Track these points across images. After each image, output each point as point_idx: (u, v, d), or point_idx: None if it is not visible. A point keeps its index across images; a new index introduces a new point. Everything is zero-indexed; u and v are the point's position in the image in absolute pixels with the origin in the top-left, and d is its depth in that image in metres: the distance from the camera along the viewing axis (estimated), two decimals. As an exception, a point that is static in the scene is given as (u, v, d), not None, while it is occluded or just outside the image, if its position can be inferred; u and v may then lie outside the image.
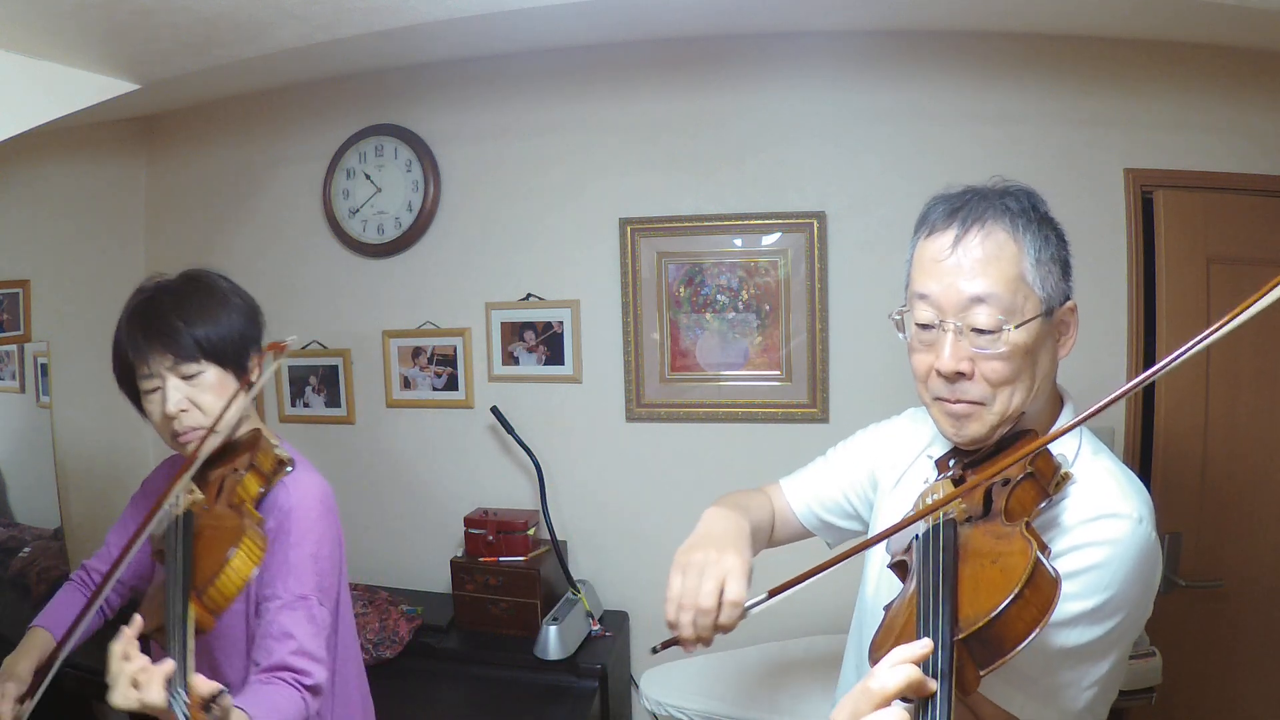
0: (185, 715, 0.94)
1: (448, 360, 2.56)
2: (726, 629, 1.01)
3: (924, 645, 0.73)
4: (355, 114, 2.57)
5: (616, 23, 2.10)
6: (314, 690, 1.22)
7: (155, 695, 0.95)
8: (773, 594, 0.98)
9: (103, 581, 1.25)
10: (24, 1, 1.54)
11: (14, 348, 2.38)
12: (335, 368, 2.65)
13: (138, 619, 1.04)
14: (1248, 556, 2.11)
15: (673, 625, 1.04)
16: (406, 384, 2.60)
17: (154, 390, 1.30)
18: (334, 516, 1.38)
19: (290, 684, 1.19)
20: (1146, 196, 2.11)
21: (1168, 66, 2.09)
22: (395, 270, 2.58)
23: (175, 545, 1.14)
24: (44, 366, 2.43)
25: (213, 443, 1.25)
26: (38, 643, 1.36)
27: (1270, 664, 2.13)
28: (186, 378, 1.29)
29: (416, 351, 2.59)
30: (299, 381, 2.70)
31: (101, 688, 1.00)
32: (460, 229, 2.52)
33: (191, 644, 1.02)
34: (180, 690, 0.95)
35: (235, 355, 1.33)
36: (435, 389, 2.57)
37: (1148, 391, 2.11)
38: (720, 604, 1.01)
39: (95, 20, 1.65)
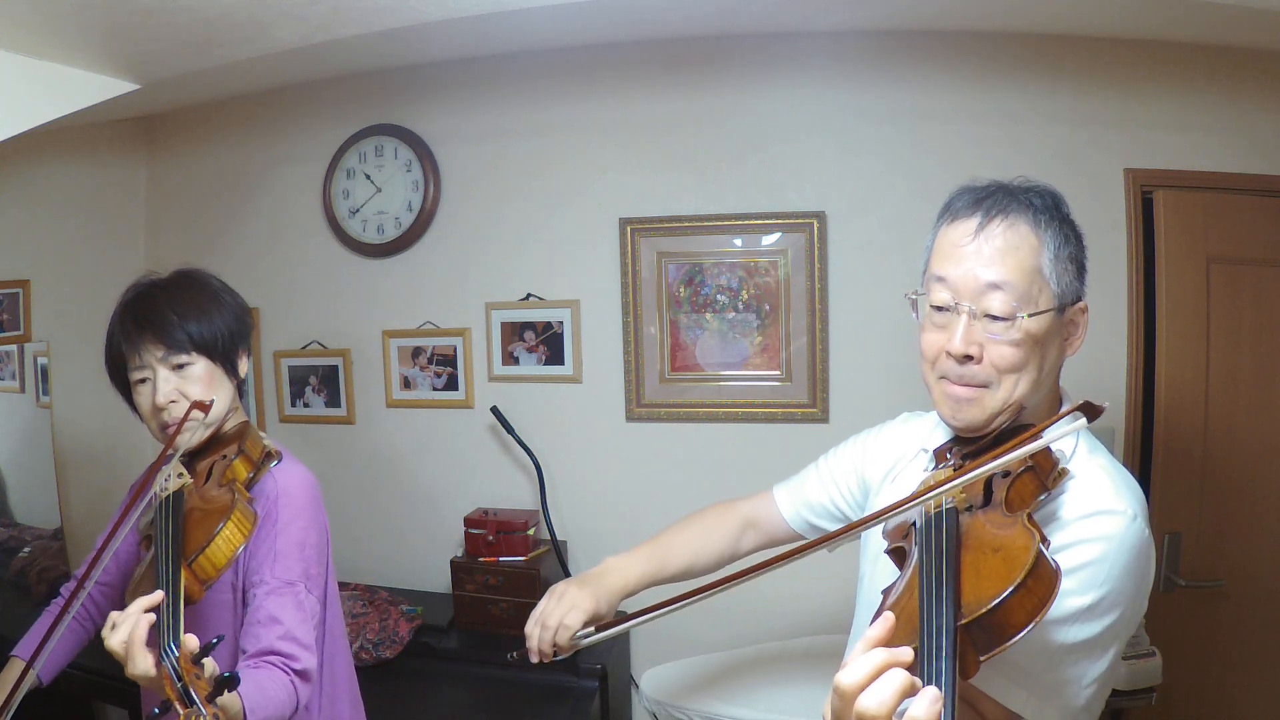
0: (175, 668, 0.95)
1: (448, 360, 2.56)
2: (561, 649, 1.24)
3: (885, 620, 0.74)
4: (355, 114, 2.57)
5: (616, 23, 2.10)
6: (302, 675, 1.21)
7: (138, 649, 1.00)
8: (599, 629, 1.23)
9: (86, 570, 1.25)
10: (24, 1, 1.54)
11: (14, 348, 2.38)
12: (335, 368, 2.65)
13: (158, 594, 1.04)
14: (1248, 556, 2.11)
15: (526, 635, 1.27)
16: (406, 384, 2.60)
17: (144, 381, 1.33)
18: (320, 506, 1.40)
19: (279, 668, 1.19)
20: (1146, 196, 2.11)
21: (1168, 66, 2.09)
22: (395, 270, 2.58)
23: (165, 522, 1.16)
24: (44, 366, 2.43)
25: (201, 434, 1.31)
26: (12, 672, 1.35)
27: (1270, 664, 2.13)
28: (176, 368, 1.32)
29: (416, 351, 2.59)
30: (299, 381, 2.70)
31: (101, 688, 1.00)
32: (460, 229, 2.52)
33: (182, 606, 1.04)
34: (172, 646, 0.98)
35: (225, 350, 1.38)
36: (435, 389, 2.57)
37: (1148, 391, 2.11)
38: (557, 628, 1.24)
39: (95, 20, 1.65)
